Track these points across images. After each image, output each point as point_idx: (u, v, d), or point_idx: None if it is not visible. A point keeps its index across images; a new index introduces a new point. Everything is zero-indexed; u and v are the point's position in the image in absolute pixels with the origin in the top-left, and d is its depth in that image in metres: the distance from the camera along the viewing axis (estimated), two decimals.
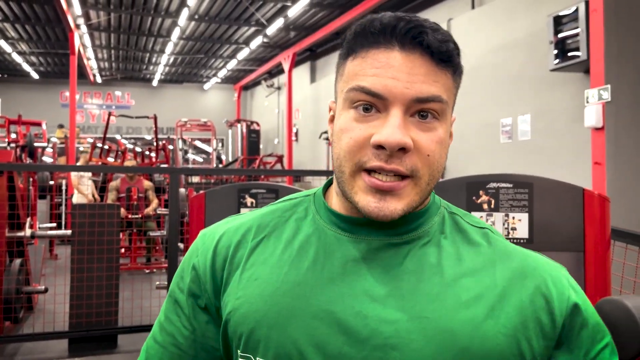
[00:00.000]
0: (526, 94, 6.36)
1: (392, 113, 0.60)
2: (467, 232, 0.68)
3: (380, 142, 0.59)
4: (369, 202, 0.61)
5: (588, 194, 1.75)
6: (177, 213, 3.44)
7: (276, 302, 0.64)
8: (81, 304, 3.28)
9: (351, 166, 0.62)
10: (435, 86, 0.61)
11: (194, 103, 19.10)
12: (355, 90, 0.62)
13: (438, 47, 0.61)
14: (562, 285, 0.64)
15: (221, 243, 0.70)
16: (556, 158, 5.86)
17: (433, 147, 0.62)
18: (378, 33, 0.62)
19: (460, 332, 0.60)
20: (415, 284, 0.62)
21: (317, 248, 0.66)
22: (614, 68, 4.61)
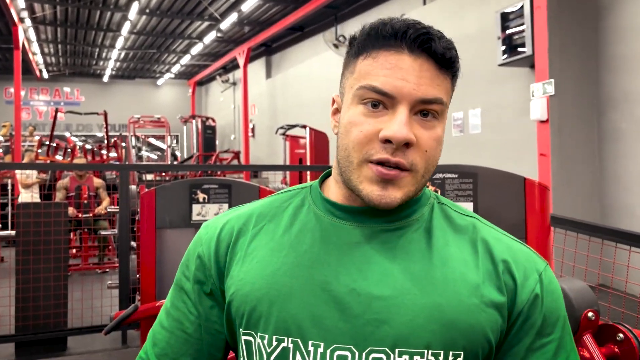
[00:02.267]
0: (477, 89, 6.52)
1: (399, 111, 0.66)
2: (455, 219, 0.74)
3: (388, 136, 0.65)
4: (373, 190, 0.67)
5: (529, 182, 1.82)
6: (128, 211, 3.37)
7: (276, 281, 0.69)
8: (27, 306, 3.17)
9: (359, 157, 0.67)
10: (438, 89, 0.68)
11: (147, 99, 18.70)
12: (366, 88, 0.67)
13: (443, 53, 0.68)
14: (532, 278, 0.69)
15: (224, 231, 0.76)
16: (505, 150, 6.04)
17: (431, 144, 0.68)
18: (389, 37, 0.68)
19: (447, 306, 0.66)
20: (405, 264, 0.68)
21: (314, 233, 0.72)
22: (557, 63, 4.79)
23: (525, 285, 0.68)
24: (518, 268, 0.69)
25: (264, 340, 0.68)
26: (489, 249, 0.70)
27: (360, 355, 0.65)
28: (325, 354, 0.65)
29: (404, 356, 0.64)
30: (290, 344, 0.67)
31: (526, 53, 5.20)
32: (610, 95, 4.81)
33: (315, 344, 0.66)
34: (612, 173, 4.81)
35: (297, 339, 0.67)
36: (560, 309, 0.70)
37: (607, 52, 4.84)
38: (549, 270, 0.72)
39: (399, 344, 0.64)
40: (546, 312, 0.68)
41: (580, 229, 1.92)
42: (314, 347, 0.66)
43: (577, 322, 1.32)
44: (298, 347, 0.67)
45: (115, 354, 3.15)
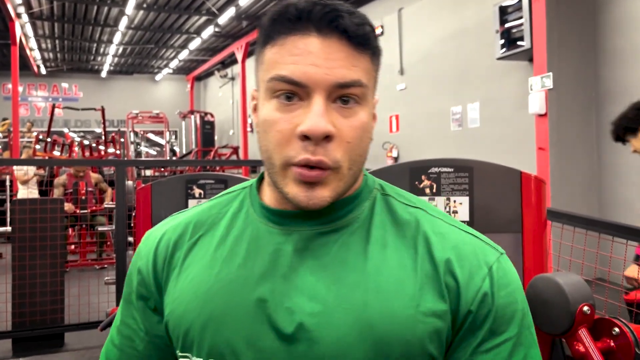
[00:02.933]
0: (475, 83, 6.50)
1: (314, 101, 0.61)
2: (397, 213, 0.68)
3: (305, 132, 0.60)
4: (299, 193, 0.62)
5: (525, 176, 1.81)
6: (124, 206, 3.36)
7: (208, 302, 0.65)
8: (24, 302, 3.16)
9: (281, 159, 0.62)
10: (355, 70, 0.62)
11: (145, 94, 18.65)
12: (276, 79, 0.61)
13: (355, 30, 0.61)
14: (479, 275, 0.64)
15: (161, 244, 0.72)
16: (503, 144, 6.02)
17: (353, 133, 0.62)
18: (294, 19, 0.62)
19: (379, 321, 0.61)
20: (339, 274, 0.63)
21: (249, 244, 0.67)
22: (556, 56, 4.77)
23: (471, 284, 0.63)
24: (462, 266, 0.63)
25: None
26: (430, 249, 0.65)
27: None
28: None
29: None
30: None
31: (524, 47, 5.18)
32: (609, 89, 4.80)
33: None
34: (610, 167, 4.79)
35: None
36: (516, 303, 0.64)
37: (605, 45, 4.82)
38: (504, 260, 0.66)
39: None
40: (498, 310, 0.63)
41: (577, 223, 1.91)
42: None
43: (573, 317, 1.31)
44: None
45: None
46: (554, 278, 1.35)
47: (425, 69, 7.47)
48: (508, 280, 0.65)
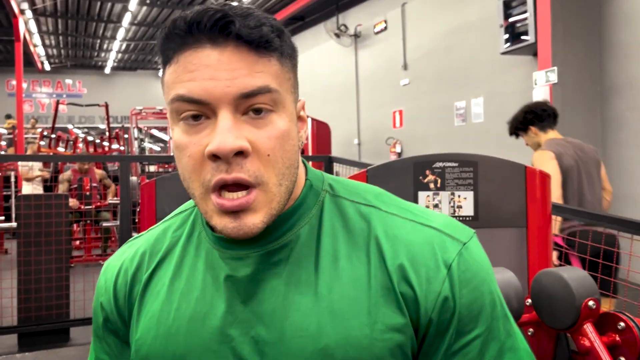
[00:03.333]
0: (479, 77, 6.48)
1: (220, 117, 0.56)
2: (348, 216, 0.64)
3: (212, 151, 0.54)
4: (226, 224, 0.57)
5: (530, 171, 1.80)
6: (129, 202, 3.37)
7: (170, 342, 0.63)
8: (30, 297, 3.18)
9: (199, 187, 0.58)
10: (260, 77, 0.56)
11: (149, 90, 18.66)
12: (176, 100, 0.57)
13: (249, 34, 0.56)
14: (437, 279, 0.59)
15: (119, 279, 0.69)
16: (507, 139, 5.98)
17: (272, 144, 0.57)
18: (184, 33, 0.57)
19: (336, 347, 0.58)
20: (293, 298, 0.60)
21: (204, 273, 0.64)
22: (561, 50, 4.75)
23: (430, 290, 0.59)
24: (417, 272, 0.59)
25: None
26: (382, 255, 0.60)
27: None
28: None
29: None
30: None
31: (529, 41, 5.15)
32: (614, 83, 4.77)
33: None
34: (615, 161, 4.77)
35: None
36: (482, 297, 0.60)
37: (610, 39, 4.79)
38: (467, 252, 0.61)
39: None
40: (462, 311, 0.59)
41: (581, 217, 1.91)
42: None
43: (578, 311, 1.30)
44: None
45: None
46: (559, 273, 1.34)
47: (429, 64, 7.45)
48: (472, 274, 0.60)
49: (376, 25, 8.70)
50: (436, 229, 0.62)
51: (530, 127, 3.01)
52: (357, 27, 9.23)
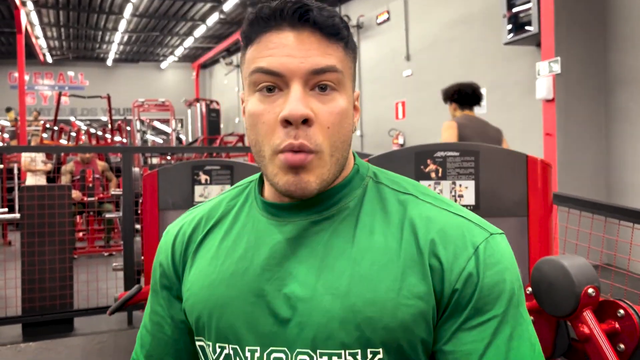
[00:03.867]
0: (482, 68, 6.45)
1: (292, 88, 0.65)
2: (387, 201, 0.71)
3: (285, 116, 0.64)
4: (288, 180, 0.66)
5: (531, 160, 1.80)
6: (132, 193, 3.38)
7: (213, 292, 0.72)
8: (34, 288, 3.20)
9: (269, 150, 0.67)
10: (329, 58, 0.66)
11: (151, 82, 18.66)
12: (256, 72, 0.67)
13: (324, 21, 0.66)
14: (463, 256, 0.66)
15: (177, 239, 0.79)
16: (510, 130, 5.98)
17: (332, 119, 0.66)
18: (268, 18, 0.67)
19: (362, 306, 0.65)
20: (328, 261, 0.68)
21: (250, 236, 0.73)
22: (564, 41, 4.72)
23: (455, 265, 0.65)
24: (446, 248, 0.66)
25: (209, 347, 0.73)
26: (415, 232, 0.67)
27: (292, 356, 0.67)
28: (262, 357, 0.68)
29: (324, 357, 0.66)
30: (231, 350, 0.70)
31: (532, 31, 5.12)
32: (618, 74, 4.75)
33: (251, 350, 0.69)
34: (619, 152, 4.76)
35: (236, 346, 0.70)
36: (504, 283, 0.65)
37: (615, 29, 4.76)
38: (494, 241, 0.67)
39: (318, 346, 0.66)
40: (484, 289, 0.64)
41: (583, 207, 1.91)
42: (250, 353, 0.69)
43: (578, 299, 1.31)
44: (237, 353, 0.70)
45: (121, 334, 3.19)
46: (559, 260, 1.35)
47: (432, 55, 7.42)
48: (497, 260, 0.66)
49: (379, 15, 8.67)
50: (468, 219, 0.69)
51: (452, 102, 3.56)
52: (359, 17, 9.19)
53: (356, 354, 0.65)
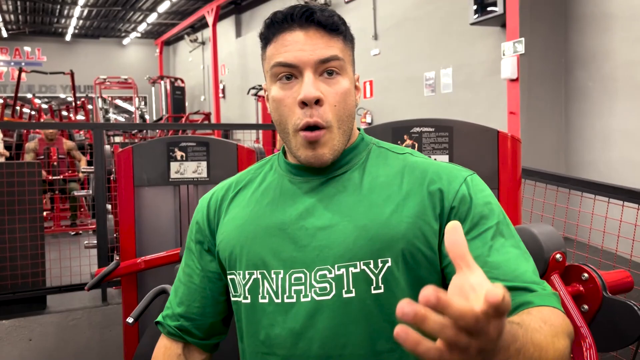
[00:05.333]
0: (448, 48, 6.55)
1: (305, 76, 0.83)
2: (389, 157, 0.90)
3: (302, 99, 0.82)
4: (307, 154, 0.84)
5: (502, 135, 1.89)
6: (104, 170, 3.35)
7: (244, 230, 0.89)
8: (5, 266, 3.16)
9: (291, 127, 0.84)
10: (332, 49, 0.84)
11: (112, 59, 18.14)
12: (275, 66, 0.84)
13: (326, 20, 0.84)
14: (456, 182, 0.84)
15: (212, 201, 0.98)
16: (475, 109, 6.14)
17: (338, 98, 0.84)
18: (281, 21, 0.85)
19: (371, 225, 0.82)
20: (341, 199, 0.86)
21: (275, 189, 0.91)
22: (528, 22, 4.85)
23: (450, 189, 0.83)
24: (441, 178, 0.84)
25: (240, 275, 0.88)
26: (414, 170, 0.86)
27: (311, 273, 0.82)
28: (285, 278, 0.84)
29: (342, 269, 0.81)
30: (259, 275, 0.86)
31: (497, 12, 5.24)
32: (578, 54, 4.92)
33: (276, 272, 0.85)
34: (577, 130, 4.96)
35: (264, 270, 0.86)
36: (491, 204, 0.83)
37: (576, 11, 4.91)
38: (477, 177, 0.86)
39: (337, 261, 0.81)
40: (477, 207, 0.81)
41: (549, 180, 2.02)
42: (275, 275, 0.85)
43: (546, 264, 1.41)
44: (265, 276, 0.86)
45: (95, 311, 3.19)
46: (529, 228, 1.44)
47: (399, 34, 7.48)
48: (482, 188, 0.85)
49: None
50: (454, 165, 0.88)
51: None
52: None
53: (369, 264, 0.81)
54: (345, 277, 0.81)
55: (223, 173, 2.83)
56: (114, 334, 3.14)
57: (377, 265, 0.80)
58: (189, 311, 0.97)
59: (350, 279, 0.81)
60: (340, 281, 0.81)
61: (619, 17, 4.54)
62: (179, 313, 0.97)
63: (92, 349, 3.10)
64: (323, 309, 0.81)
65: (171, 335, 0.98)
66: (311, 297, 0.82)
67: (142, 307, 1.87)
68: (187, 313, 0.97)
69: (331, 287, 0.81)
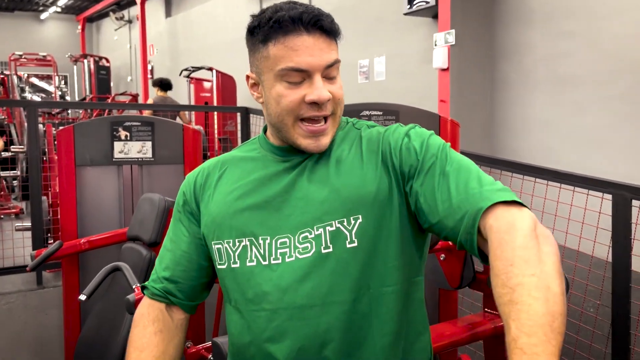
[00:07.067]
0: (382, 37, 6.74)
1: (315, 79, 0.92)
2: (351, 132, 1.02)
3: (315, 100, 0.91)
4: (309, 144, 0.95)
5: (443, 119, 2.05)
6: (38, 150, 3.24)
7: (232, 203, 0.99)
8: None
9: (292, 119, 0.94)
10: (333, 54, 0.94)
11: (29, 35, 17.06)
12: (287, 70, 0.91)
13: (330, 27, 0.93)
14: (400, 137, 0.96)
15: (199, 175, 1.07)
16: (407, 97, 6.36)
17: (338, 94, 0.96)
18: (289, 24, 0.90)
19: (342, 189, 0.93)
20: (317, 171, 0.97)
21: (259, 168, 1.00)
22: (459, 14, 5.10)
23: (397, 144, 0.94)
24: (389, 138, 0.96)
25: (229, 243, 0.97)
26: (370, 138, 0.98)
27: (294, 237, 0.93)
28: (272, 243, 0.94)
29: (320, 229, 0.92)
30: (247, 242, 0.95)
31: (430, 3, 5.45)
32: (503, 47, 5.23)
33: (264, 238, 0.94)
34: (502, 119, 5.29)
35: (252, 238, 0.95)
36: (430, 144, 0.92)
37: (502, 5, 5.22)
38: (418, 127, 0.98)
39: (315, 222, 0.92)
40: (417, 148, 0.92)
41: (484, 162, 2.20)
42: (263, 241, 0.94)
43: None
44: (253, 242, 0.95)
45: (30, 294, 3.10)
46: None
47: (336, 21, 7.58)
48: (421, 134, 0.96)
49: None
50: (399, 126, 1.00)
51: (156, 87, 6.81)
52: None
53: (343, 221, 0.92)
54: (323, 235, 0.91)
55: (169, 153, 2.83)
56: (51, 317, 3.07)
57: (350, 222, 0.91)
58: (174, 275, 1.05)
59: (328, 237, 0.91)
60: (319, 239, 0.91)
61: (540, 13, 4.88)
62: (164, 276, 1.05)
63: (29, 332, 3.02)
64: (305, 265, 0.91)
65: (155, 297, 1.06)
66: (295, 257, 0.92)
67: (95, 284, 1.87)
68: (172, 277, 1.05)
69: (312, 245, 0.92)
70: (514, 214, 0.79)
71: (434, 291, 2.03)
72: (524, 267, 0.72)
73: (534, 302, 0.68)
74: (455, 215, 0.85)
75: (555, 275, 0.71)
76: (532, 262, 0.72)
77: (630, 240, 1.87)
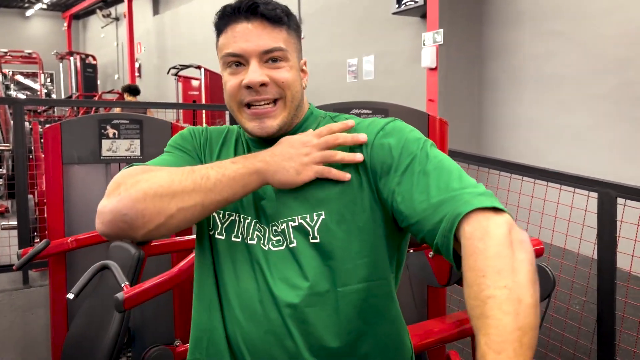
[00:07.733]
0: (370, 36, 6.75)
1: (251, 64, 0.94)
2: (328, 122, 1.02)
3: (246, 83, 0.94)
4: (254, 126, 0.97)
5: (432, 118, 2.06)
6: (25, 148, 3.21)
7: None
8: None
9: (236, 104, 0.97)
10: (275, 40, 0.94)
11: (14, 31, 16.86)
12: (226, 56, 0.96)
13: (269, 13, 0.94)
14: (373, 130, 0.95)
15: (208, 130, 1.09)
16: (396, 96, 6.39)
17: (283, 78, 0.95)
18: (230, 13, 0.95)
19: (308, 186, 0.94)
20: None
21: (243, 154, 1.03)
22: (447, 14, 5.12)
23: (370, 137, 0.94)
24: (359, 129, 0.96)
25: (220, 214, 1.00)
26: None
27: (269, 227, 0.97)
28: (251, 224, 0.98)
29: (283, 224, 0.95)
30: (236, 217, 0.99)
31: (418, 3, 5.47)
32: (491, 46, 5.27)
33: (245, 217, 0.99)
34: (489, 118, 5.33)
35: (240, 214, 0.99)
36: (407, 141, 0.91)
37: (490, 5, 5.26)
38: (395, 121, 0.96)
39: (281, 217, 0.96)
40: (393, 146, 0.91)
41: (472, 160, 2.22)
42: (243, 219, 0.99)
43: None
44: (239, 219, 0.99)
45: (17, 293, 3.07)
46: None
47: (324, 20, 7.60)
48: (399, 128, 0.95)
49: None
50: (375, 120, 0.98)
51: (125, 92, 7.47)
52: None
53: (305, 217, 0.94)
54: (286, 231, 0.95)
55: (157, 151, 2.78)
56: (37, 317, 3.05)
57: (313, 218, 0.93)
58: None
59: (292, 232, 0.94)
60: (284, 234, 0.95)
61: (528, 13, 4.92)
62: None
63: (15, 332, 2.99)
64: (275, 256, 0.96)
65: None
66: (268, 248, 0.96)
67: (83, 283, 1.86)
68: None
69: (280, 239, 0.96)
70: (489, 220, 0.76)
71: (423, 288, 2.04)
72: (496, 278, 0.69)
73: (504, 316, 0.66)
74: (434, 218, 0.82)
75: (527, 285, 0.69)
76: (505, 272, 0.69)
77: (615, 237, 1.89)
